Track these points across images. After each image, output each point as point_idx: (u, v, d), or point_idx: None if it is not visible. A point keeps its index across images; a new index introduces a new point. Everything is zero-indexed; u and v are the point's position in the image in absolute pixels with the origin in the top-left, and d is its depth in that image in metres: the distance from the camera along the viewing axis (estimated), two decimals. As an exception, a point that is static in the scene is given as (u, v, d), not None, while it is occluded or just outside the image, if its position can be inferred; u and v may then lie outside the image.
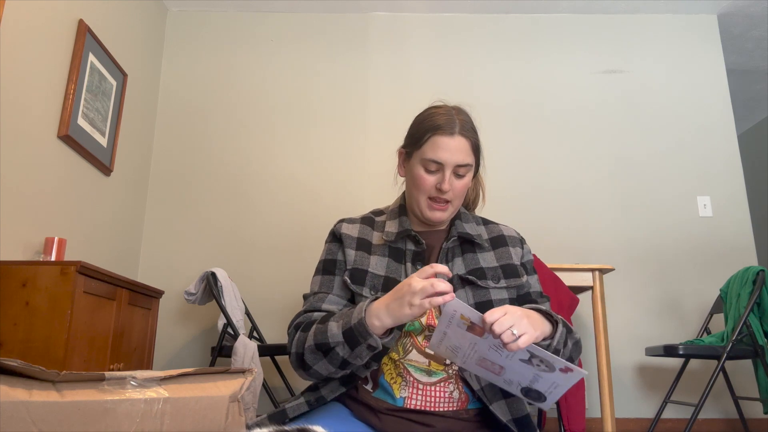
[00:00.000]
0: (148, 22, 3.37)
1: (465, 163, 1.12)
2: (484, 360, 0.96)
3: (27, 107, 2.24)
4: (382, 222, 1.23)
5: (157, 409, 0.83)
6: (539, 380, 0.94)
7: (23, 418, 0.65)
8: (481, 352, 0.95)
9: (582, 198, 3.34)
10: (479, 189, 1.32)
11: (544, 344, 1.00)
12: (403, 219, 1.20)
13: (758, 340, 2.48)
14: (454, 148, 1.11)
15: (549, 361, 0.90)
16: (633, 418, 3.02)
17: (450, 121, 1.12)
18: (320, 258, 1.23)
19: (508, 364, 0.94)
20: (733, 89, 3.59)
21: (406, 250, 1.17)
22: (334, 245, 1.21)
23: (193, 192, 3.36)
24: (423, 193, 1.14)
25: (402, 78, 3.53)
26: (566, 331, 1.05)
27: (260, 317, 3.11)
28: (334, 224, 1.25)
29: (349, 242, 1.18)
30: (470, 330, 0.92)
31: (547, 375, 0.92)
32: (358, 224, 1.23)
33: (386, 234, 1.18)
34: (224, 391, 0.99)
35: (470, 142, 1.13)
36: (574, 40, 3.62)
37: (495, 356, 0.94)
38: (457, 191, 1.14)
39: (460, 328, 0.93)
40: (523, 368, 0.93)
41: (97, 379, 0.79)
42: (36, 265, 1.94)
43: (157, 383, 0.86)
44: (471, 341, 0.94)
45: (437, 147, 1.11)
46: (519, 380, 0.96)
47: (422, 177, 1.13)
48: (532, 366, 0.92)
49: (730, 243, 3.26)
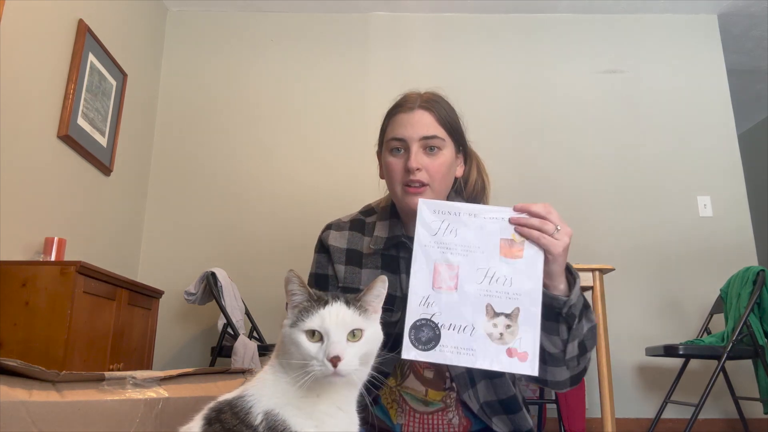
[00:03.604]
0: (148, 22, 3.37)
1: (430, 134, 1.01)
2: (450, 267, 0.83)
3: (27, 107, 2.24)
4: (372, 224, 1.12)
5: (157, 409, 0.83)
6: (464, 334, 0.80)
7: (23, 418, 0.65)
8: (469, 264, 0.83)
9: (582, 198, 3.34)
10: (483, 176, 1.17)
11: (561, 300, 0.88)
12: (394, 222, 1.09)
13: (758, 340, 2.48)
14: (415, 122, 1.02)
15: (523, 328, 0.78)
16: (633, 418, 3.02)
17: (410, 99, 1.06)
18: (311, 269, 1.13)
19: (470, 293, 0.81)
20: (733, 89, 3.58)
21: (399, 258, 1.05)
22: (323, 257, 1.12)
23: (193, 192, 3.36)
24: (396, 181, 1.03)
25: (402, 78, 3.52)
26: (584, 303, 0.93)
27: (260, 317, 3.11)
28: (322, 230, 1.14)
29: (338, 256, 1.08)
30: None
31: (485, 340, 0.80)
32: (346, 231, 1.12)
33: (375, 241, 1.07)
34: (224, 392, 0.99)
35: (434, 114, 1.03)
36: (574, 40, 3.61)
37: (470, 274, 0.82)
38: (432, 171, 1.01)
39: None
40: (473, 309, 0.81)
41: (96, 379, 0.79)
42: (36, 265, 1.94)
43: (157, 383, 0.86)
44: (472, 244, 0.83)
45: (396, 125, 1.04)
46: (444, 312, 0.82)
47: (390, 163, 1.04)
48: (488, 320, 0.81)
49: (730, 243, 3.26)
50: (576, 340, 0.92)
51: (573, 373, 0.96)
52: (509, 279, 0.83)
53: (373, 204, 1.18)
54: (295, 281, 0.72)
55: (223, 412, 0.66)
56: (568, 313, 0.89)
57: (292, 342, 0.69)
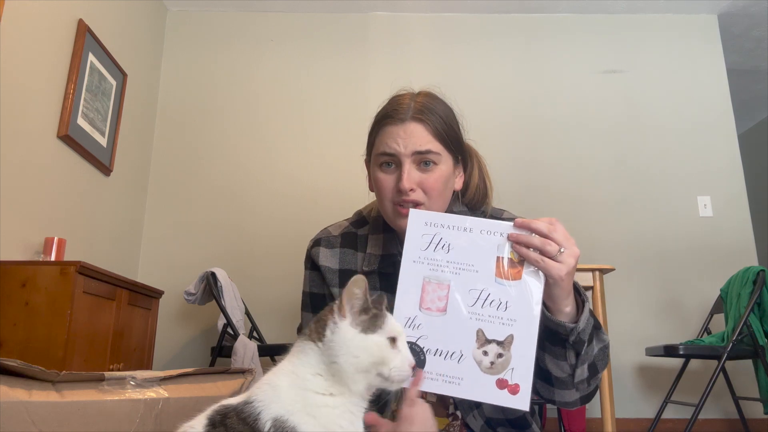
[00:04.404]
0: (148, 22, 3.37)
1: (424, 149, 0.91)
2: (441, 285, 0.77)
3: (27, 107, 2.24)
4: (365, 237, 1.03)
5: (157, 409, 0.83)
6: (451, 362, 0.74)
7: (23, 418, 0.65)
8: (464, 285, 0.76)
9: (582, 198, 3.34)
10: (485, 179, 1.08)
11: (567, 328, 0.80)
12: (388, 237, 1.01)
13: (758, 340, 2.48)
14: (406, 135, 0.92)
15: (514, 357, 0.72)
16: (633, 418, 3.02)
17: (401, 106, 0.95)
18: (304, 287, 1.06)
19: (460, 317, 0.75)
20: (733, 89, 3.58)
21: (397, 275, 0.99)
22: (316, 275, 1.04)
23: (193, 192, 3.36)
24: (386, 199, 0.94)
25: (402, 77, 3.49)
26: (594, 324, 0.86)
27: (260, 317, 3.11)
28: (311, 245, 1.06)
29: (331, 278, 1.01)
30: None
31: (474, 369, 0.73)
32: (337, 249, 1.03)
33: (369, 260, 0.99)
34: (224, 391, 0.99)
35: (429, 126, 0.93)
36: (574, 40, 3.61)
37: (461, 295, 0.76)
38: (427, 187, 0.92)
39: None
40: (463, 335, 0.74)
41: (96, 379, 0.79)
42: (36, 265, 1.94)
43: (157, 383, 0.86)
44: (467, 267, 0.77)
45: (386, 137, 0.94)
46: (431, 336, 0.75)
47: (379, 179, 0.95)
48: (478, 347, 0.74)
49: (730, 243, 3.26)
50: (585, 364, 0.86)
51: (583, 393, 0.90)
52: (504, 303, 0.76)
53: (363, 212, 1.10)
54: (362, 286, 0.69)
55: (228, 417, 0.64)
56: (576, 340, 0.82)
57: (365, 348, 0.67)
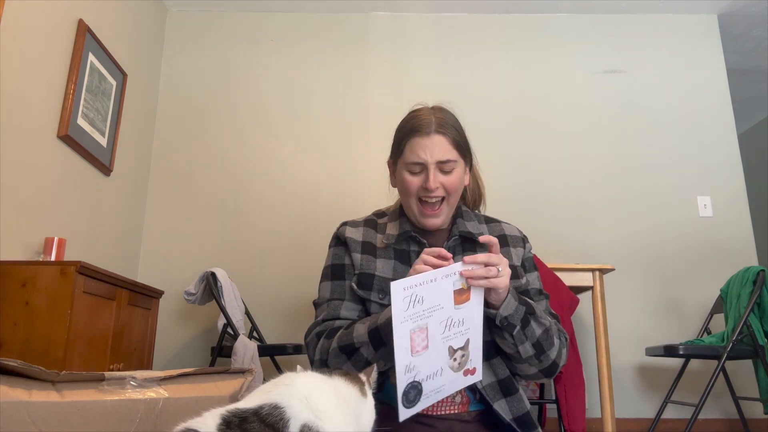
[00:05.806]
0: (148, 21, 3.37)
1: (446, 159, 1.14)
2: (422, 330, 0.92)
3: (27, 107, 2.24)
4: (384, 224, 1.25)
5: (157, 409, 0.83)
6: (437, 377, 0.94)
7: (23, 418, 0.65)
8: (431, 318, 0.93)
9: (582, 198, 3.34)
10: (478, 181, 1.32)
11: (492, 314, 1.03)
12: (403, 220, 1.22)
13: (758, 340, 2.48)
14: (432, 146, 1.13)
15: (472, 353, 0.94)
16: (633, 418, 3.02)
17: (425, 121, 1.15)
18: (326, 263, 1.23)
19: (438, 345, 0.93)
20: (733, 89, 3.59)
21: (410, 251, 1.19)
22: (340, 249, 1.22)
23: (193, 192, 3.36)
24: (412, 196, 1.17)
25: (402, 77, 3.53)
26: (527, 310, 1.05)
27: (260, 317, 3.11)
28: (338, 227, 1.26)
29: (354, 246, 1.20)
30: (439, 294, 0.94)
31: (449, 373, 0.94)
32: (361, 227, 1.24)
33: (387, 236, 1.20)
34: (224, 392, 0.99)
35: (449, 138, 1.15)
36: (574, 40, 3.61)
37: (436, 329, 0.93)
38: (448, 187, 1.15)
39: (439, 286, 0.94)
40: (440, 356, 0.94)
41: (96, 380, 0.79)
42: (36, 265, 1.94)
43: (157, 383, 0.86)
44: (433, 305, 0.93)
45: (415, 149, 1.14)
46: (423, 369, 0.93)
47: (408, 180, 1.16)
48: (450, 358, 0.94)
49: (730, 243, 3.26)
50: (527, 343, 1.05)
51: (541, 367, 1.09)
52: (461, 320, 0.96)
53: (384, 209, 1.33)
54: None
55: (248, 422, 0.61)
56: (505, 324, 1.02)
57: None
